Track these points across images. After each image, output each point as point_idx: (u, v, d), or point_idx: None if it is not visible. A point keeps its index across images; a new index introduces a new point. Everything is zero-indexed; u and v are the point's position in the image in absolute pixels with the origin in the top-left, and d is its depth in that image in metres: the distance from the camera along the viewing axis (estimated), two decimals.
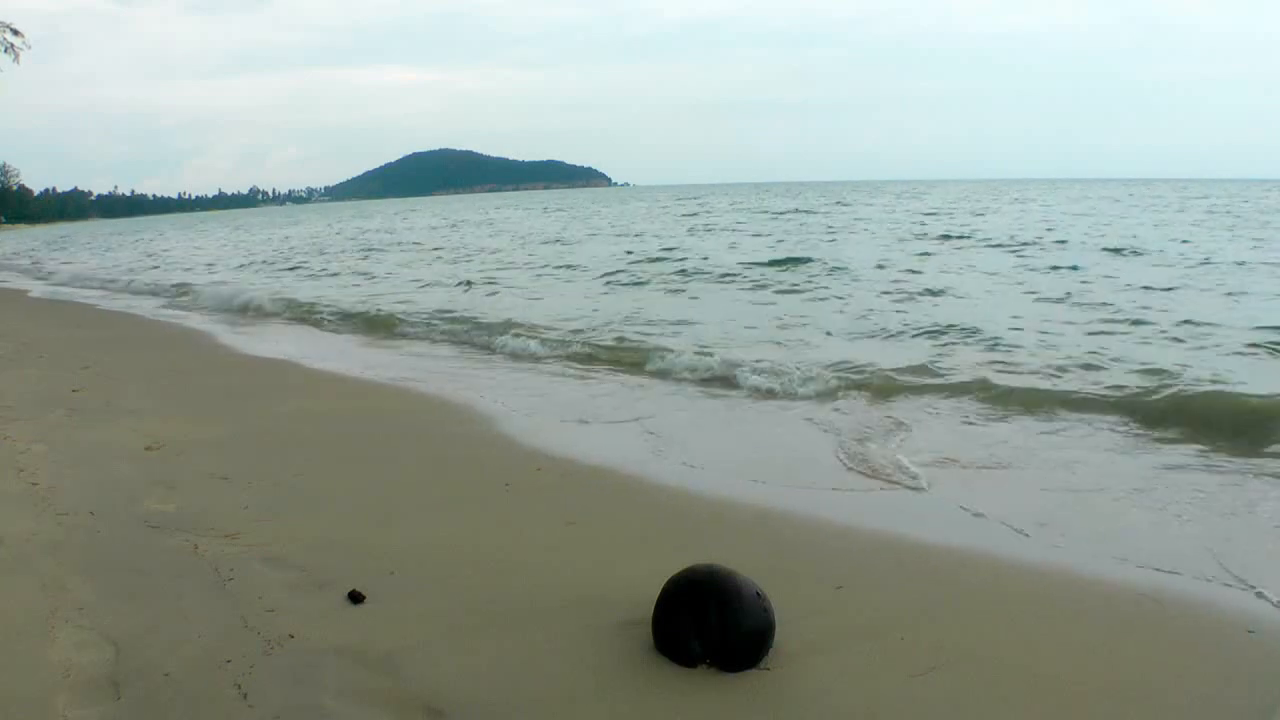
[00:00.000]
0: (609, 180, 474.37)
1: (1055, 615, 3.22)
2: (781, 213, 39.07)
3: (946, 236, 23.37)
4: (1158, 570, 3.61)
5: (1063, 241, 20.81)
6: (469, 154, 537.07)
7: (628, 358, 8.85)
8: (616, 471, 5.14)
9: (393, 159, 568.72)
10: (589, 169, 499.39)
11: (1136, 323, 9.90)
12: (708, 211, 45.13)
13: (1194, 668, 2.86)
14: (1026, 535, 4.05)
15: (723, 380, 7.68)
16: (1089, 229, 25.04)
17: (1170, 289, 12.70)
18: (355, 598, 3.33)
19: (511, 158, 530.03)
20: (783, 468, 5.23)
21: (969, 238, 22.79)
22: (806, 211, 39.88)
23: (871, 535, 4.08)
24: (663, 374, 8.07)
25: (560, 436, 5.99)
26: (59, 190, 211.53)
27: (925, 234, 24.41)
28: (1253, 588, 3.41)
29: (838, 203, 49.44)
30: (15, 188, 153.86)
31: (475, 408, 6.92)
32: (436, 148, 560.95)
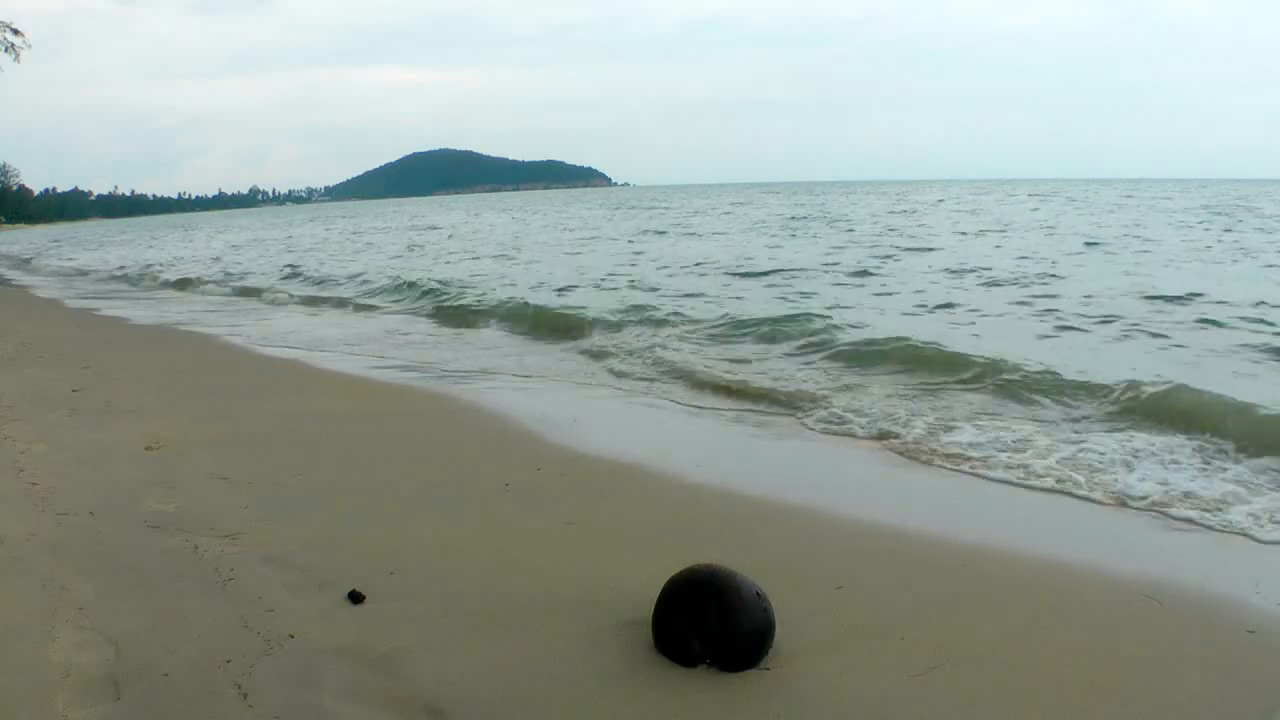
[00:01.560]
0: (609, 180, 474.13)
1: (1055, 615, 3.22)
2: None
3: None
4: (1158, 570, 3.62)
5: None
6: (469, 154, 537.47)
7: None
8: (616, 471, 5.14)
9: (393, 159, 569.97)
10: (589, 169, 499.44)
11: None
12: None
13: (1194, 668, 2.85)
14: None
15: None
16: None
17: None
18: (355, 598, 3.33)
19: (511, 158, 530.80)
20: None
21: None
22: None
23: (872, 534, 4.08)
24: None
25: (560, 436, 5.99)
26: (59, 190, 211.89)
27: None
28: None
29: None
30: (15, 188, 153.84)
31: (475, 408, 6.92)
32: (436, 148, 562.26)
